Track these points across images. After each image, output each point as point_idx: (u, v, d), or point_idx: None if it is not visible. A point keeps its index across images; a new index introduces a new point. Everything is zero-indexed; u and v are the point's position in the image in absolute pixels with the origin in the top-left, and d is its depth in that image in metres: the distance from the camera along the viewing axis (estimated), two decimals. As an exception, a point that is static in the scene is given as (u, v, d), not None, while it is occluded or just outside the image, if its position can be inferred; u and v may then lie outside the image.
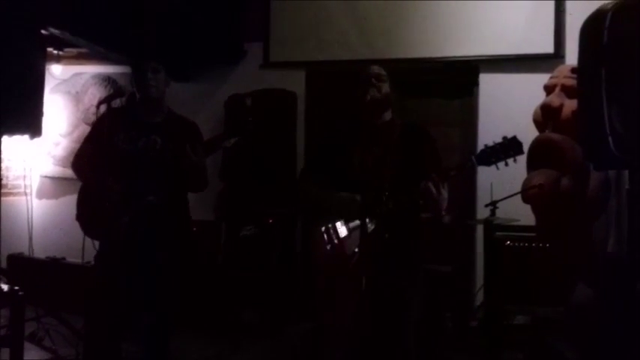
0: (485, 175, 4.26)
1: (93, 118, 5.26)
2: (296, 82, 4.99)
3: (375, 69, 2.53)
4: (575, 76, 3.13)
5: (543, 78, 3.95)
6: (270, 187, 4.77)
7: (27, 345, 3.33)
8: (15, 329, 3.11)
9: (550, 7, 4.38)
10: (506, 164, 2.26)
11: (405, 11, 4.71)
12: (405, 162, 2.42)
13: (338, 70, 4.80)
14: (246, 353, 3.92)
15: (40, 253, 5.13)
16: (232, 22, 5.02)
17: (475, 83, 4.65)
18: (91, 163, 2.85)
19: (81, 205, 2.89)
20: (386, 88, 2.51)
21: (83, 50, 5.20)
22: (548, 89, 3.84)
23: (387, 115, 2.55)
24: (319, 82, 4.99)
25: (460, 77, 4.72)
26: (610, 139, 1.84)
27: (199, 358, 3.79)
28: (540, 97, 3.89)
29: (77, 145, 3.09)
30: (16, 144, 5.20)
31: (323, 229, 2.43)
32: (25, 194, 5.19)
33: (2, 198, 4.21)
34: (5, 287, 3.17)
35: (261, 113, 4.69)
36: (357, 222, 2.33)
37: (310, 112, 4.99)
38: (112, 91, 5.35)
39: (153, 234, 2.79)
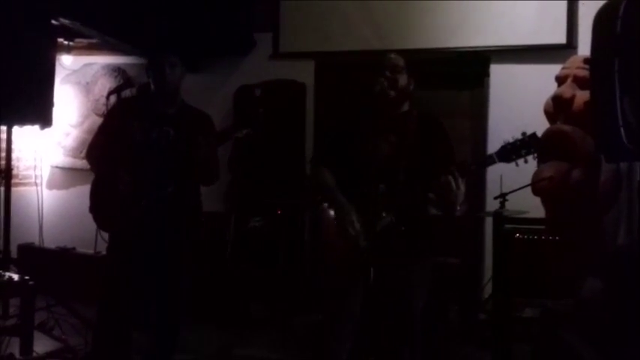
0: (495, 167, 4.22)
1: (103, 108, 5.32)
2: (305, 73, 4.97)
3: (392, 59, 2.45)
4: (587, 66, 3.10)
5: (555, 69, 3.91)
6: (279, 178, 4.76)
7: (37, 334, 3.35)
8: (25, 319, 3.15)
9: (563, -3, 4.33)
10: (526, 161, 2.20)
11: (416, 1, 4.67)
12: (420, 153, 2.38)
13: (348, 61, 4.77)
14: (254, 345, 3.93)
15: (50, 243, 5.16)
16: (242, 12, 5.00)
17: (486, 74, 4.60)
18: (105, 153, 2.85)
19: (94, 196, 2.88)
20: (403, 79, 2.43)
21: (93, 41, 5.20)
22: (560, 80, 3.80)
23: (405, 106, 2.49)
24: (329, 73, 4.96)
25: (471, 68, 4.68)
26: (622, 130, 1.82)
27: (207, 349, 3.80)
28: (552, 88, 3.85)
29: (87, 136, 3.10)
30: (26, 134, 5.23)
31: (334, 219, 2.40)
32: (36, 184, 5.21)
33: (13, 188, 4.24)
34: (16, 277, 3.20)
35: (271, 104, 4.68)
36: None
37: (319, 103, 4.97)
38: (121, 81, 5.36)
39: (164, 225, 2.79)
